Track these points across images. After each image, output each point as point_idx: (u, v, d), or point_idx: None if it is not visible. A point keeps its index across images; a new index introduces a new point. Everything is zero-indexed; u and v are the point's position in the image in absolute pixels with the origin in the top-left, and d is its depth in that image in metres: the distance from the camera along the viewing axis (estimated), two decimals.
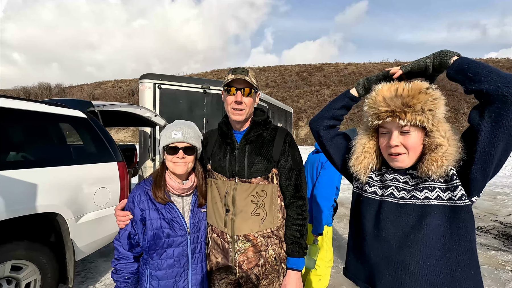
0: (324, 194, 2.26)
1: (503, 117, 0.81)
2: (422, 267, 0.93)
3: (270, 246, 1.31)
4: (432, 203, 0.93)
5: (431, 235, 0.92)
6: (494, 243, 4.29)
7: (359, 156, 1.12)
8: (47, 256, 2.29)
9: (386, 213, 1.02)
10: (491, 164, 0.85)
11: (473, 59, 0.91)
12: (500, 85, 0.81)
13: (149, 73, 4.65)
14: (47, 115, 2.46)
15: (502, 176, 11.32)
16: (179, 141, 1.28)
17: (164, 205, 1.30)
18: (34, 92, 45.69)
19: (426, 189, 0.95)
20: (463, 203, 0.91)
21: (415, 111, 0.94)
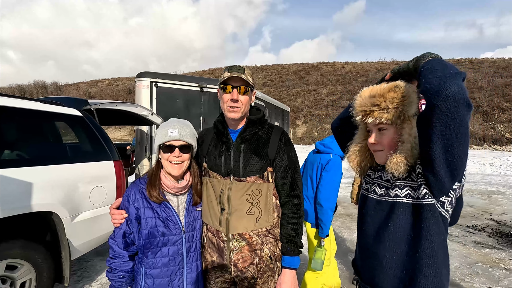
0: (327, 197, 2.30)
1: (429, 114, 0.82)
2: (389, 261, 0.99)
3: (265, 245, 1.31)
4: (400, 200, 0.98)
5: (398, 231, 0.97)
6: (488, 241, 4.34)
7: (351, 154, 1.18)
8: (42, 255, 2.28)
9: (367, 208, 1.10)
10: (432, 163, 0.85)
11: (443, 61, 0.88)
12: (441, 83, 0.80)
13: (146, 71, 4.63)
14: (42, 113, 2.44)
15: (497, 175, 11.44)
16: (175, 139, 1.28)
17: (159, 204, 1.30)
18: (30, 90, 45.25)
19: (397, 187, 1.00)
20: (426, 201, 0.93)
21: (381, 109, 0.99)
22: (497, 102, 26.01)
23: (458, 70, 0.82)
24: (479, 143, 23.19)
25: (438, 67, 0.83)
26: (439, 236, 0.93)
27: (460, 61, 37.57)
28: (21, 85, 46.86)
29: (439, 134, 0.80)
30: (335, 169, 2.35)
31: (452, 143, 0.80)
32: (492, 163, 13.49)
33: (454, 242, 4.30)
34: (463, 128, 0.78)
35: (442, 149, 0.82)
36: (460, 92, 0.77)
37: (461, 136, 0.79)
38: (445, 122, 0.78)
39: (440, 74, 0.81)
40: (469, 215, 5.74)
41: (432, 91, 0.80)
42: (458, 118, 0.77)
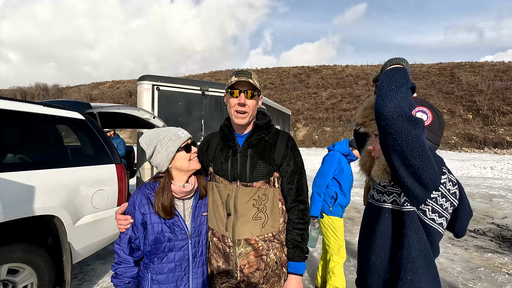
0: (316, 183, 2.71)
1: (379, 131, 0.86)
2: (375, 264, 1.02)
3: (271, 250, 1.31)
4: (386, 206, 1.01)
5: (383, 236, 1.00)
6: (490, 245, 4.32)
7: (361, 159, 1.22)
8: (44, 258, 2.27)
9: (365, 212, 1.15)
10: (397, 174, 0.87)
11: (393, 73, 0.87)
12: (380, 102, 0.83)
13: (148, 74, 4.65)
14: (45, 117, 2.44)
15: (498, 178, 11.42)
16: (187, 138, 1.32)
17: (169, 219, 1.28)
18: (31, 92, 45.37)
19: (386, 193, 1.03)
20: (405, 209, 0.95)
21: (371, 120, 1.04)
22: (498, 106, 26.02)
23: (403, 82, 0.83)
24: (480, 146, 23.16)
25: (384, 82, 0.85)
26: (418, 243, 0.93)
27: (460, 64, 37.65)
28: (22, 87, 47.01)
29: (391, 149, 0.83)
30: (329, 161, 2.74)
31: (407, 156, 0.81)
32: (493, 167, 13.46)
33: (456, 246, 4.28)
34: (413, 142, 0.79)
35: (399, 161, 0.84)
36: (397, 109, 0.79)
37: (413, 148, 0.80)
38: (392, 138, 0.81)
39: (383, 91, 0.83)
40: (471, 219, 5.72)
41: (375, 111, 0.84)
42: (403, 133, 0.79)
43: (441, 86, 32.16)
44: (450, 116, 26.60)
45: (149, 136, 1.31)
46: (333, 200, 2.73)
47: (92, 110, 3.04)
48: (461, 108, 27.37)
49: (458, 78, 32.79)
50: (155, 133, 1.31)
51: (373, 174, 1.03)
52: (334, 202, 2.74)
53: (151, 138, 1.29)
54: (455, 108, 27.36)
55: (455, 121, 26.08)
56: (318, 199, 2.67)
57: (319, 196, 2.67)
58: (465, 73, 33.60)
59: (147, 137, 1.30)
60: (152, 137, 1.29)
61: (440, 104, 27.75)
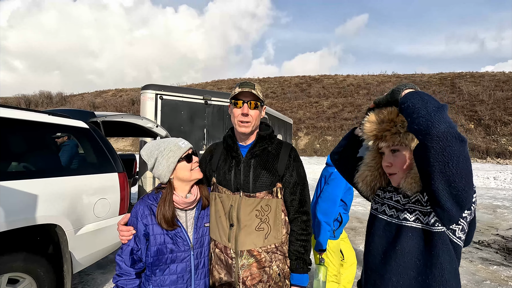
0: (323, 209, 2.27)
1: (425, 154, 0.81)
2: (395, 285, 0.97)
3: (274, 262, 1.30)
4: (409, 224, 0.97)
5: (406, 255, 0.96)
6: (495, 258, 4.25)
7: (362, 173, 1.17)
8: (44, 268, 2.25)
9: (376, 229, 1.09)
10: (437, 198, 0.83)
11: (422, 95, 0.85)
12: (428, 123, 0.78)
13: (151, 84, 4.70)
14: (50, 126, 2.47)
15: (502, 189, 11.31)
16: (188, 148, 1.32)
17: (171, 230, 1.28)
18: (35, 100, 45.82)
19: (407, 211, 0.99)
20: (436, 229, 0.92)
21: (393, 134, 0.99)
22: (499, 116, 26.01)
23: (439, 103, 0.81)
24: (482, 156, 23.05)
25: (419, 104, 0.82)
26: (450, 264, 0.91)
27: (461, 75, 37.84)
28: (26, 95, 47.48)
29: (439, 172, 0.78)
30: (336, 181, 2.31)
31: (454, 179, 0.78)
32: (496, 177, 13.36)
33: (461, 258, 4.21)
34: (463, 163, 0.77)
35: (444, 185, 0.80)
36: (450, 129, 0.76)
37: (462, 170, 0.77)
38: (443, 161, 0.77)
39: (424, 112, 0.79)
40: (475, 230, 5.64)
41: (422, 132, 0.79)
42: (455, 154, 0.75)
43: (442, 96, 32.24)
44: None
45: (150, 147, 1.32)
46: (337, 223, 2.41)
47: (96, 119, 3.06)
48: (463, 118, 27.37)
49: (459, 88, 32.91)
50: (156, 145, 1.32)
51: (405, 187, 0.97)
52: (339, 225, 2.42)
53: (152, 150, 1.30)
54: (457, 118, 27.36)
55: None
56: (327, 229, 2.25)
57: (329, 225, 2.25)
58: (466, 83, 33.73)
59: (148, 149, 1.32)
60: (153, 149, 1.30)
61: None
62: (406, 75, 41.95)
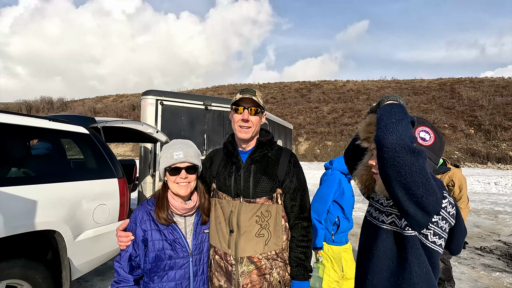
0: (314, 208, 2.32)
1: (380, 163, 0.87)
2: (370, 283, 1.02)
3: (275, 269, 1.29)
4: (384, 227, 1.02)
5: (381, 256, 1.00)
6: (498, 264, 4.21)
7: (358, 172, 1.22)
8: (42, 275, 2.23)
9: (362, 229, 1.16)
10: (399, 204, 0.86)
11: (392, 108, 0.89)
12: (381, 134, 0.84)
13: (152, 89, 4.72)
14: (50, 131, 2.48)
15: (503, 194, 11.26)
16: (181, 161, 1.28)
17: (167, 226, 1.29)
18: (36, 106, 46.00)
19: (384, 213, 1.03)
20: (406, 233, 0.95)
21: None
22: (499, 121, 26.04)
23: (402, 116, 0.85)
24: (483, 161, 23.00)
25: (385, 115, 0.87)
26: (420, 268, 0.92)
27: (460, 80, 38.00)
28: (28, 101, 47.67)
29: (394, 180, 0.83)
30: (328, 182, 2.39)
31: (410, 186, 0.81)
32: (497, 182, 13.31)
33: (463, 264, 4.17)
34: (416, 173, 0.80)
35: (403, 192, 0.83)
36: (399, 142, 0.79)
37: (416, 179, 0.80)
38: (395, 170, 0.81)
39: (383, 123, 0.85)
40: (477, 236, 5.61)
41: (376, 142, 0.85)
42: (406, 165, 0.79)
43: (442, 101, 32.33)
44: (452, 131, 26.59)
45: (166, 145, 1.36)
46: (335, 227, 2.39)
47: (97, 125, 3.07)
48: (463, 123, 27.39)
49: (458, 93, 33.01)
50: (167, 145, 1.35)
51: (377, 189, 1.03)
52: (337, 229, 2.39)
53: (164, 148, 1.34)
54: (457, 123, 27.37)
55: (457, 136, 26.03)
56: (320, 227, 2.30)
57: (320, 223, 2.31)
58: (465, 89, 33.85)
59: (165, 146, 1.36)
60: (165, 147, 1.34)
61: (441, 119, 27.82)
62: (406, 80, 42.14)
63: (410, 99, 33.85)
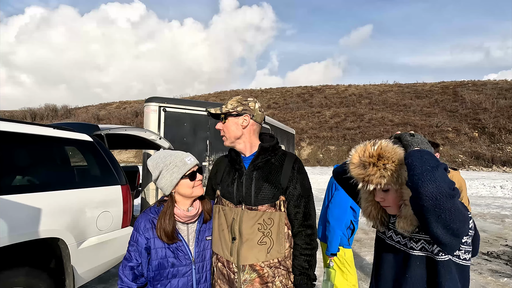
0: (334, 214, 2.31)
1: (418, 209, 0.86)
2: None
3: (277, 278, 1.27)
4: (416, 254, 1.01)
5: (416, 282, 1.00)
6: (505, 270, 4.14)
7: (365, 209, 1.18)
8: (46, 283, 2.23)
9: (385, 254, 1.12)
10: (437, 240, 0.87)
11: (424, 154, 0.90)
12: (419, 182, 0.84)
13: (155, 96, 4.76)
14: (54, 139, 2.50)
15: (509, 198, 11.12)
16: (194, 165, 1.31)
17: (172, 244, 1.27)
18: (40, 113, 46.50)
19: (413, 240, 1.03)
20: (440, 258, 0.96)
21: (377, 177, 1.00)
22: (503, 124, 25.85)
23: (436, 163, 0.86)
24: (488, 164, 22.77)
25: (417, 162, 0.87)
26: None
27: (463, 83, 37.89)
28: (32, 108, 48.23)
29: (434, 222, 0.83)
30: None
31: (449, 223, 0.83)
32: (503, 186, 13.15)
33: (470, 270, 4.10)
34: (455, 212, 0.82)
35: (441, 228, 0.84)
36: (438, 190, 0.81)
37: (456, 216, 0.82)
38: (435, 214, 0.82)
39: (418, 171, 0.85)
40: (483, 241, 5.52)
41: (414, 191, 0.85)
42: (446, 209, 0.81)
43: (445, 104, 32.21)
44: (456, 134, 26.42)
45: (156, 159, 1.31)
46: (349, 231, 2.43)
47: (100, 132, 3.10)
48: (466, 126, 27.21)
49: (461, 97, 32.88)
50: (163, 157, 1.31)
51: (400, 229, 1.01)
52: (352, 233, 2.43)
53: (158, 162, 1.30)
54: (460, 126, 27.21)
55: (461, 139, 25.84)
56: (339, 234, 2.31)
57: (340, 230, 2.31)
58: (468, 92, 33.72)
59: (155, 160, 1.31)
60: (159, 161, 1.30)
61: (445, 122, 27.67)
62: (408, 84, 42.08)
63: (413, 103, 33.78)
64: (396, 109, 32.98)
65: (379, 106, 34.55)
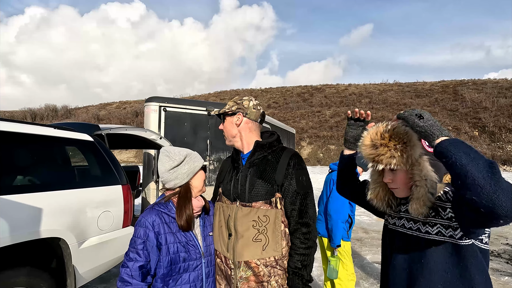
0: (335, 208, 2.46)
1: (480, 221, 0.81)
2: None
3: (273, 277, 1.24)
4: (432, 238, 0.97)
5: (433, 268, 0.96)
6: (506, 268, 4.14)
7: (373, 190, 1.17)
8: (47, 283, 2.23)
9: (398, 243, 1.09)
10: (470, 222, 0.84)
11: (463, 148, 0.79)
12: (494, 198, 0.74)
13: (155, 96, 4.75)
14: (55, 139, 2.50)
15: None
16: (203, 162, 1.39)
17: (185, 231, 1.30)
18: (41, 113, 46.55)
19: (428, 224, 0.99)
20: (463, 242, 0.93)
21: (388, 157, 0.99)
22: (503, 122, 25.85)
23: (487, 161, 0.75)
24: None
25: (470, 166, 0.74)
26: (481, 276, 0.91)
27: (463, 82, 37.88)
28: (32, 108, 48.29)
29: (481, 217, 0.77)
30: None
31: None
32: None
33: None
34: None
35: (482, 218, 0.78)
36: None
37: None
38: (498, 224, 0.76)
39: (481, 182, 0.72)
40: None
41: (485, 209, 0.72)
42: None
43: (445, 103, 32.22)
44: (456, 133, 26.41)
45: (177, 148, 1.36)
46: (347, 224, 2.56)
47: (101, 132, 3.10)
48: (467, 125, 27.21)
49: (461, 96, 32.89)
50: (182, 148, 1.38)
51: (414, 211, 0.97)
52: (350, 226, 2.58)
53: (180, 150, 1.34)
54: (461, 125, 27.20)
55: (461, 138, 25.86)
56: (342, 226, 2.45)
57: (342, 222, 2.46)
58: (468, 91, 33.71)
59: (175, 148, 1.35)
60: (182, 150, 1.35)
61: (445, 121, 27.66)
62: (408, 83, 42.08)
63: (413, 102, 33.75)
64: (396, 108, 32.97)
65: (379, 105, 34.54)
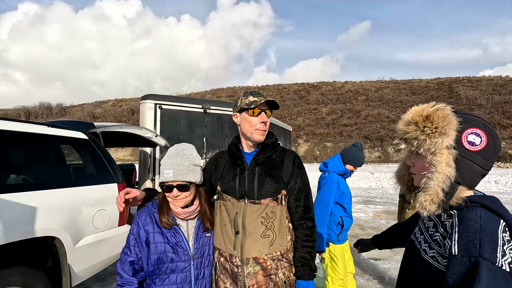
0: (318, 213, 2.32)
1: None
2: None
3: (280, 270, 1.31)
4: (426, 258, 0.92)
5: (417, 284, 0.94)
6: None
7: (399, 171, 1.11)
8: (42, 282, 2.22)
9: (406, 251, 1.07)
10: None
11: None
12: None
13: (151, 94, 4.72)
14: (49, 137, 2.47)
15: (503, 193, 11.26)
16: (171, 180, 1.23)
17: (169, 229, 1.29)
18: (35, 111, 46.01)
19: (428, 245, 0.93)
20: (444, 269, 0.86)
21: (412, 138, 0.92)
22: (498, 119, 26.11)
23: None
24: None
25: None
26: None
27: (458, 79, 38.14)
28: (26, 106, 47.73)
29: None
30: (328, 185, 2.44)
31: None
32: (497, 181, 13.31)
33: None
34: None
35: None
36: None
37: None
38: None
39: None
40: None
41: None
42: None
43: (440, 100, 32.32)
44: None
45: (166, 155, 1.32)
46: (339, 227, 2.49)
47: (96, 130, 3.07)
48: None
49: (456, 93, 33.13)
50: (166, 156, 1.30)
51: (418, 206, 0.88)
52: (341, 229, 2.49)
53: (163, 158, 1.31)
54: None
55: None
56: (322, 231, 2.34)
57: (323, 227, 2.35)
58: (463, 88, 33.97)
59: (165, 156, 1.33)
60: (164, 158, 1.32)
61: None
62: (404, 80, 42.25)
63: (409, 99, 33.92)
64: (393, 105, 33.14)
65: (376, 102, 34.67)
